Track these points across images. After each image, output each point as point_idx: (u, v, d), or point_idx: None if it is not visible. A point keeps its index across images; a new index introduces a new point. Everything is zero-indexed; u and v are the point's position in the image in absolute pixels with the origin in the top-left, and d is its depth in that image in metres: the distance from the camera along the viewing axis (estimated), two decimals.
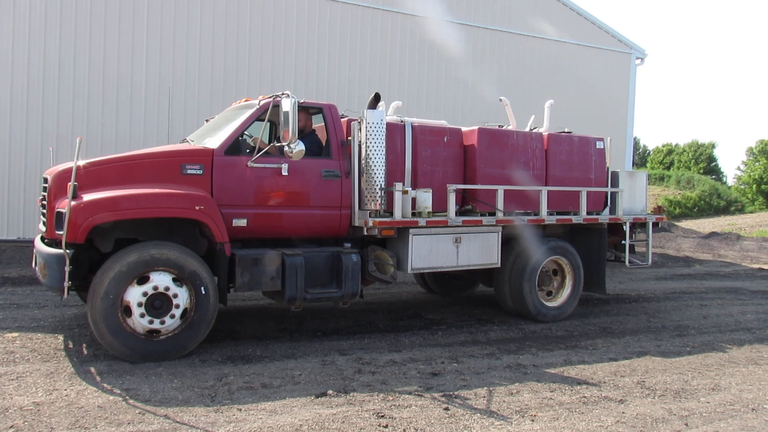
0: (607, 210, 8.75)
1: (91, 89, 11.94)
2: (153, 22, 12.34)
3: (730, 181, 62.20)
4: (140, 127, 12.32)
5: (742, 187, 57.74)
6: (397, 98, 9.53)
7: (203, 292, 5.79)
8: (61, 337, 6.36)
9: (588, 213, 8.33)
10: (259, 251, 6.24)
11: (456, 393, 5.08)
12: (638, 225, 9.15)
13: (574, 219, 8.22)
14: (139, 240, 5.84)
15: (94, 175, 5.69)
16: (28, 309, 7.63)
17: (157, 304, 5.61)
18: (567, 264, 8.34)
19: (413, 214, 6.97)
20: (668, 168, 57.38)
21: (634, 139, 16.60)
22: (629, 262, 8.89)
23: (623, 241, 8.83)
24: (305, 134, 6.67)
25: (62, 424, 4.15)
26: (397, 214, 6.78)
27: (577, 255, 8.39)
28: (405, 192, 6.86)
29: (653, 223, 9.12)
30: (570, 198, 8.27)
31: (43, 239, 6.14)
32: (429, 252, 7.11)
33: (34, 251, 6.13)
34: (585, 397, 5.12)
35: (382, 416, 4.51)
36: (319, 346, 6.39)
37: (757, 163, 56.80)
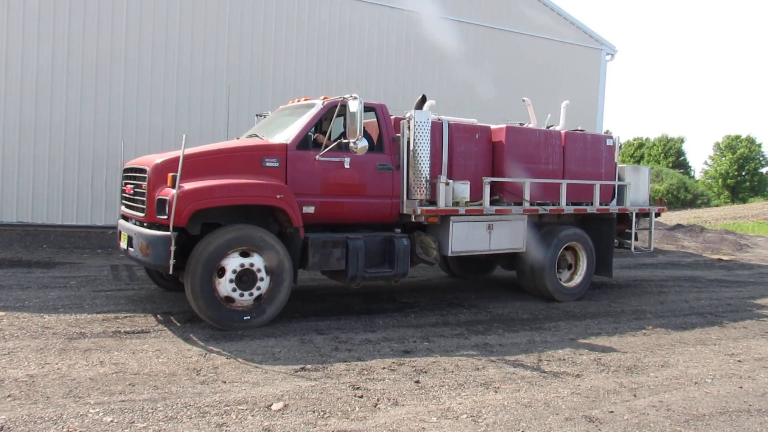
0: (614, 201, 9.73)
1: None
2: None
3: (698, 175, 63.85)
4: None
5: (709, 181, 59.31)
6: (383, 90, 9.88)
7: (282, 271, 6.55)
8: (47, 316, 6.57)
9: (599, 204, 9.29)
10: (327, 235, 7.02)
11: (426, 368, 5.46)
12: (642, 215, 10.10)
13: (589, 209, 9.19)
14: (221, 224, 6.51)
15: (188, 167, 6.26)
16: (12, 290, 7.80)
17: (245, 278, 6.36)
18: (582, 249, 9.23)
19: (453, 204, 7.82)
20: (639, 161, 58.66)
21: (606, 132, 17.14)
22: (634, 248, 9.98)
23: (627, 230, 9.87)
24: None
25: (57, 393, 4.42)
26: (441, 203, 7.63)
27: (590, 241, 9.27)
28: (447, 184, 7.69)
29: (654, 214, 10.16)
30: (584, 190, 9.23)
31: (129, 221, 6.96)
32: (466, 237, 7.99)
33: (127, 233, 6.77)
34: (545, 372, 5.54)
35: (358, 388, 4.86)
36: (297, 326, 6.71)
37: (723, 158, 58.40)
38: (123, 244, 6.95)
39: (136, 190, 6.76)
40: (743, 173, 58.62)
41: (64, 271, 9.32)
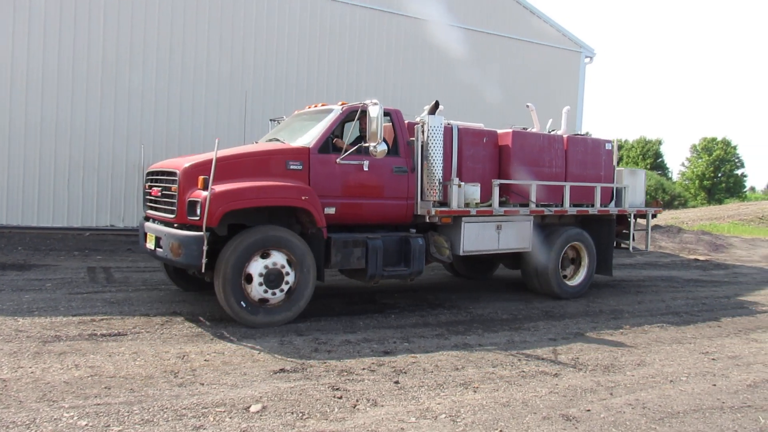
0: (613, 203, 10.13)
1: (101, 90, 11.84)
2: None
3: (675, 176, 64.77)
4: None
5: (686, 182, 60.17)
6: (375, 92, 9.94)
7: (307, 270, 6.82)
8: (21, 320, 6.46)
9: (600, 205, 9.72)
10: (348, 235, 7.31)
11: (406, 369, 5.46)
12: (638, 216, 10.50)
13: (590, 210, 9.61)
14: (246, 225, 6.74)
15: (218, 170, 6.37)
16: None
17: (272, 277, 6.61)
18: (584, 249, 9.62)
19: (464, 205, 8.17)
20: (617, 163, 59.31)
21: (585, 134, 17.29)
22: (632, 248, 10.43)
23: (625, 231, 10.29)
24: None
25: (30, 397, 4.34)
26: (454, 205, 7.99)
27: (592, 241, 9.64)
28: (459, 186, 8.03)
29: (651, 215, 10.63)
30: (586, 192, 9.64)
31: (153, 222, 7.23)
32: (477, 237, 8.34)
33: (154, 234, 6.94)
34: (524, 371, 5.57)
35: (337, 389, 4.85)
36: (277, 327, 6.68)
37: (699, 160, 59.29)
38: (149, 245, 7.10)
39: (164, 192, 6.96)
40: (719, 175, 59.58)
41: (40, 274, 9.17)
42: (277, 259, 6.66)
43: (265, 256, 6.61)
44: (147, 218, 7.61)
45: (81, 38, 12.06)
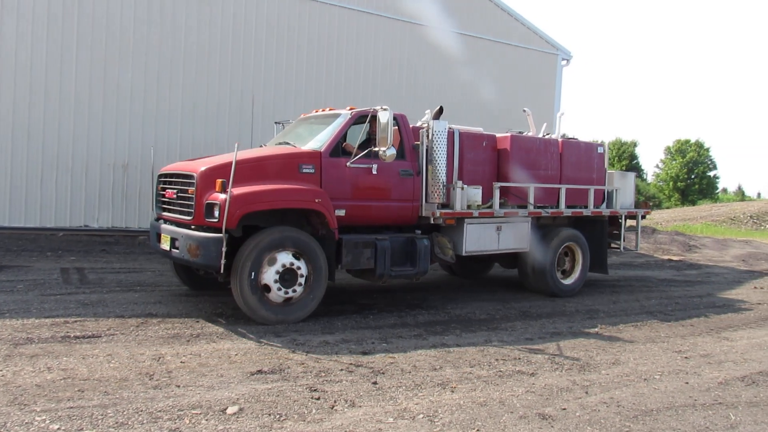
0: (604, 204, 10.48)
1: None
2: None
3: (650, 178, 65.79)
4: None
5: (660, 184, 61.14)
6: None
7: (319, 270, 7.01)
8: None
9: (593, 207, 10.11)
10: (358, 236, 7.53)
11: (384, 369, 5.47)
12: (629, 217, 10.88)
13: (584, 212, 9.94)
14: (259, 227, 6.90)
15: (235, 173, 6.48)
16: None
17: (287, 276, 6.81)
18: (578, 248, 9.96)
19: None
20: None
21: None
22: (623, 248, 10.86)
23: (615, 231, 10.68)
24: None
25: (1, 401, 4.25)
26: (457, 207, 8.24)
27: (586, 241, 9.98)
28: (462, 188, 8.29)
29: (641, 216, 11.02)
30: (580, 194, 9.97)
31: (166, 223, 7.39)
32: (478, 238, 8.61)
33: (169, 235, 7.09)
34: (501, 371, 5.62)
35: (315, 390, 4.83)
36: (254, 329, 6.64)
37: (673, 162, 60.31)
38: (164, 246, 7.24)
39: (180, 194, 7.11)
40: (692, 176, 60.63)
41: (11, 275, 8.98)
42: (293, 259, 6.85)
43: (288, 254, 6.84)
44: (158, 219, 7.81)
45: (68, 35, 11.84)
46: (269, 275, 6.71)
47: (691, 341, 7.18)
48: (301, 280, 6.91)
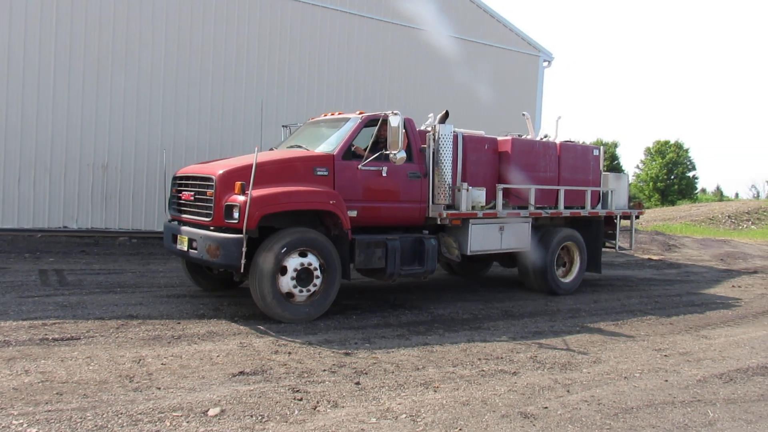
0: (599, 205, 10.77)
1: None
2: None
3: (630, 178, 66.41)
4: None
5: (641, 184, 61.82)
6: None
7: (333, 270, 7.20)
8: None
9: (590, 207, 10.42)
10: (370, 236, 7.72)
11: (367, 370, 5.46)
12: (623, 217, 11.24)
13: (582, 212, 10.24)
14: (273, 228, 7.07)
15: (250, 176, 6.67)
16: None
17: (303, 276, 6.98)
18: (576, 248, 10.26)
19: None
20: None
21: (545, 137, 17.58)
22: (618, 248, 11.23)
23: (610, 231, 11.04)
24: (384, 142, 7.76)
25: None
26: (463, 208, 8.54)
27: (583, 240, 10.27)
28: (467, 190, 8.58)
29: (635, 216, 11.39)
30: (577, 195, 10.27)
31: (180, 224, 7.62)
32: (482, 238, 8.90)
33: (187, 236, 7.25)
34: (483, 370, 5.64)
35: (297, 391, 4.81)
36: (236, 330, 6.60)
37: (653, 163, 61.00)
38: (181, 246, 7.41)
39: (197, 196, 7.29)
40: (672, 177, 61.34)
41: None
42: (309, 259, 7.05)
43: (303, 254, 7.02)
44: (172, 220, 8.05)
45: (46, 34, 11.67)
46: (287, 275, 6.89)
47: (670, 339, 7.27)
48: (317, 281, 7.09)
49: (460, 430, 4.24)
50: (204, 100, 13.24)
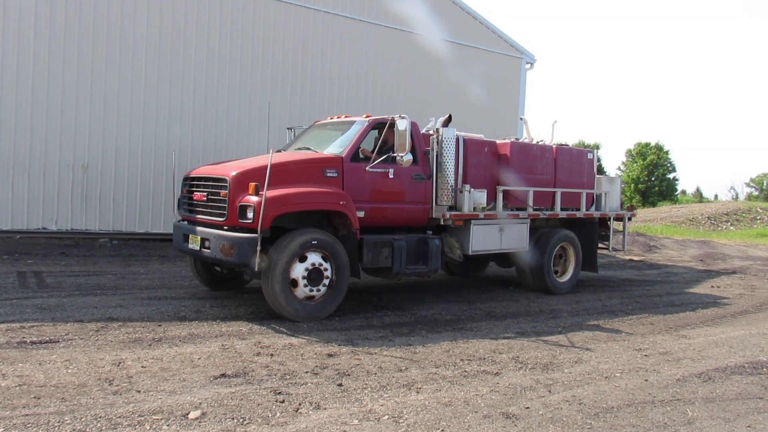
0: (593, 207, 11.08)
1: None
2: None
3: None
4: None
5: (622, 186, 62.36)
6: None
7: (342, 269, 7.37)
8: None
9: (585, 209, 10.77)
10: (377, 236, 7.90)
11: (350, 371, 5.45)
12: (616, 219, 11.53)
13: (578, 214, 10.61)
14: (284, 228, 7.21)
15: (263, 177, 6.84)
16: None
17: (314, 275, 7.16)
18: (571, 248, 10.57)
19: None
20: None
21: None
22: (612, 248, 11.65)
23: (603, 232, 11.39)
24: (390, 145, 8.04)
25: None
26: (465, 209, 8.81)
27: (578, 241, 10.58)
28: (470, 192, 8.85)
29: (627, 218, 11.69)
30: (572, 197, 10.59)
31: (191, 224, 7.80)
32: (483, 238, 9.16)
33: (200, 235, 7.36)
34: (466, 371, 5.65)
35: (279, 393, 4.79)
36: (218, 332, 6.55)
37: (634, 164, 61.64)
38: (193, 246, 7.54)
39: (210, 197, 7.43)
40: (653, 178, 62.04)
41: None
42: (320, 259, 7.21)
43: (315, 254, 7.18)
44: (181, 220, 8.24)
45: (25, 32, 11.50)
46: (298, 274, 7.05)
47: (650, 339, 7.34)
48: (326, 281, 7.25)
49: (442, 430, 4.25)
50: (186, 102, 13.12)
